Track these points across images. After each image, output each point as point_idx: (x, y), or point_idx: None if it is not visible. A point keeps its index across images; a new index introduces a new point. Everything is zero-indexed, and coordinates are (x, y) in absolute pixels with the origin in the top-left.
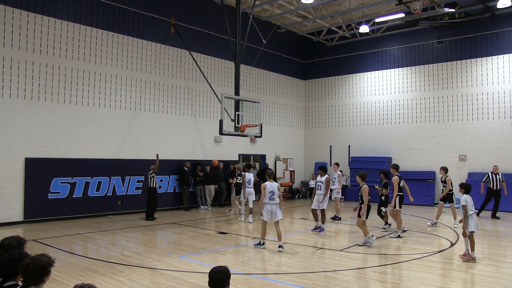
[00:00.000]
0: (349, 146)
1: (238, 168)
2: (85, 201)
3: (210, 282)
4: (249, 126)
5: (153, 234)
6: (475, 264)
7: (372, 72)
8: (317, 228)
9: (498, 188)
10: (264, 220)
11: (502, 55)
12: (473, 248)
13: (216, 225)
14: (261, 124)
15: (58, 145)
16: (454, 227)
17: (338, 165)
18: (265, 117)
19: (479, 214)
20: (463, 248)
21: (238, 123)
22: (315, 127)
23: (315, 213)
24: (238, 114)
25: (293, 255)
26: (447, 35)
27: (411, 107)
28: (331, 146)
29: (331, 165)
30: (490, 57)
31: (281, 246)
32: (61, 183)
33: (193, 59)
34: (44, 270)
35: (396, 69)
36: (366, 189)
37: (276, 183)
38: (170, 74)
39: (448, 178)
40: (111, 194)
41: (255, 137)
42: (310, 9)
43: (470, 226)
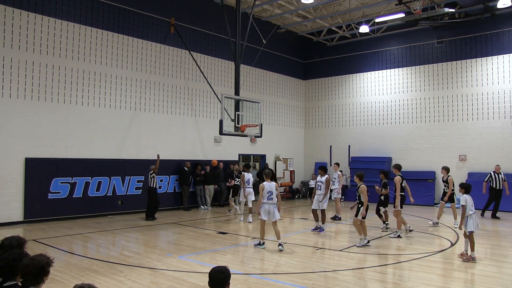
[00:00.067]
0: (349, 146)
1: (236, 170)
2: (85, 201)
3: (210, 282)
4: (249, 126)
5: (153, 234)
6: (475, 264)
7: (372, 72)
8: (317, 228)
9: (500, 188)
10: (263, 219)
11: (502, 55)
12: (473, 248)
13: (216, 225)
14: (261, 124)
15: (58, 145)
16: (454, 227)
17: (338, 165)
18: (265, 117)
19: (483, 214)
20: (463, 248)
21: (238, 123)
22: (315, 127)
23: (316, 214)
24: (238, 114)
25: (293, 255)
26: (447, 35)
27: (411, 107)
28: (331, 146)
29: (331, 165)
30: (490, 57)
31: (281, 245)
32: (61, 183)
33: (193, 59)
34: (43, 271)
35: (396, 69)
36: (365, 189)
37: (274, 183)
38: (170, 74)
39: (450, 178)
40: (111, 194)
41: (255, 137)
42: (310, 9)
43: (469, 226)
